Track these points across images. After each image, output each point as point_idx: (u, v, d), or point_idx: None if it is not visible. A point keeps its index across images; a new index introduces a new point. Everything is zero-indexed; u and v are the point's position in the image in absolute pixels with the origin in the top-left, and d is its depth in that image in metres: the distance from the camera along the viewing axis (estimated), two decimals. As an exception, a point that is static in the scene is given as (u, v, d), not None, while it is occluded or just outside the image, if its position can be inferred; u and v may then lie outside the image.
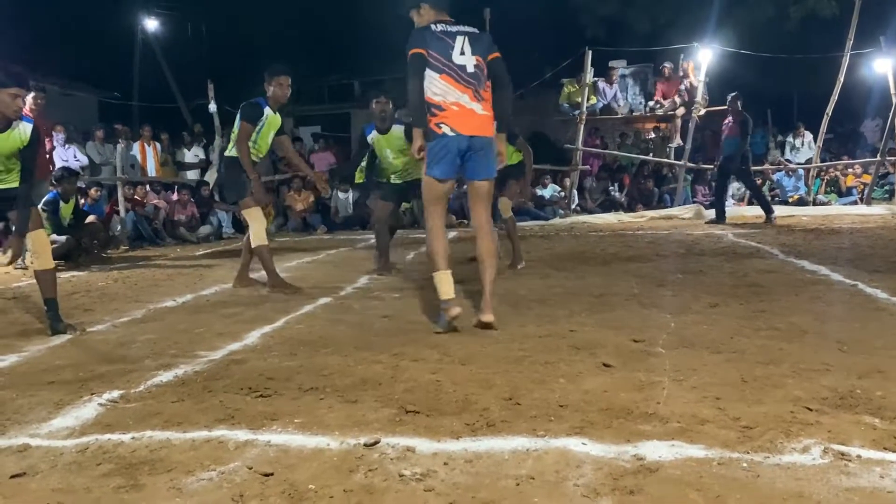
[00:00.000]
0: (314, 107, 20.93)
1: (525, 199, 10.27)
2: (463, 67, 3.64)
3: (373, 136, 5.77)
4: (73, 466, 2.11)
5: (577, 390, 2.66)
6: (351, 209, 12.46)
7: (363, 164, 6.26)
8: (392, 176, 5.94)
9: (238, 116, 5.27)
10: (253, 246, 5.32)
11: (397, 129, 5.63)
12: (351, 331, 3.90)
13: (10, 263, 4.12)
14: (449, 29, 3.67)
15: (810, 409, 2.35)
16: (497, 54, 3.78)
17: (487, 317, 3.73)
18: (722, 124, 10.54)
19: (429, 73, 3.62)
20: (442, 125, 3.64)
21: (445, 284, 3.70)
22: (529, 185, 7.14)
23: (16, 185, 4.06)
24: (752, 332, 3.54)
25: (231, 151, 5.35)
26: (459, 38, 3.65)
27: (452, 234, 10.05)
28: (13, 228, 4.14)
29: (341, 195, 12.47)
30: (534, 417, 2.38)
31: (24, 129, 3.94)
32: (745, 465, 1.96)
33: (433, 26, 3.66)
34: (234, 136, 5.36)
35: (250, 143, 5.21)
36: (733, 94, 10.37)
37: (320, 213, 12.38)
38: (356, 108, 22.29)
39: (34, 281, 4.28)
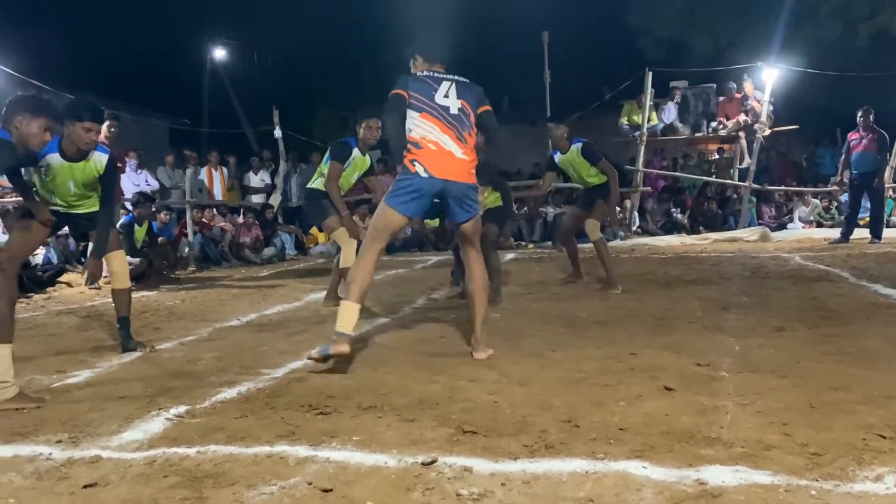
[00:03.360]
0: (375, 132, 21.27)
1: (611, 224, 9.93)
2: (446, 108, 3.56)
3: None
4: (141, 478, 2.19)
5: (638, 413, 2.62)
6: (409, 231, 12.55)
7: None
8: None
9: (328, 154, 5.45)
10: (341, 266, 5.41)
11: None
12: (409, 350, 3.93)
13: (87, 285, 4.31)
14: (436, 75, 3.63)
15: (883, 437, 2.26)
16: (488, 107, 3.72)
17: (480, 354, 3.63)
18: (849, 139, 10.18)
19: (410, 113, 3.54)
20: (416, 163, 3.50)
21: (349, 316, 3.41)
22: (615, 208, 6.87)
23: (95, 209, 4.25)
24: (821, 356, 3.42)
25: (313, 184, 5.58)
26: (445, 83, 3.60)
27: (510, 255, 10.04)
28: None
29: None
30: (593, 440, 2.35)
31: (99, 159, 4.10)
32: (813, 492, 1.89)
33: (419, 73, 3.64)
34: (320, 170, 5.57)
35: None
36: (864, 107, 9.97)
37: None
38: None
39: (107, 299, 4.45)
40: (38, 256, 8.09)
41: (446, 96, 3.57)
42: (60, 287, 7.71)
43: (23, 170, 4.11)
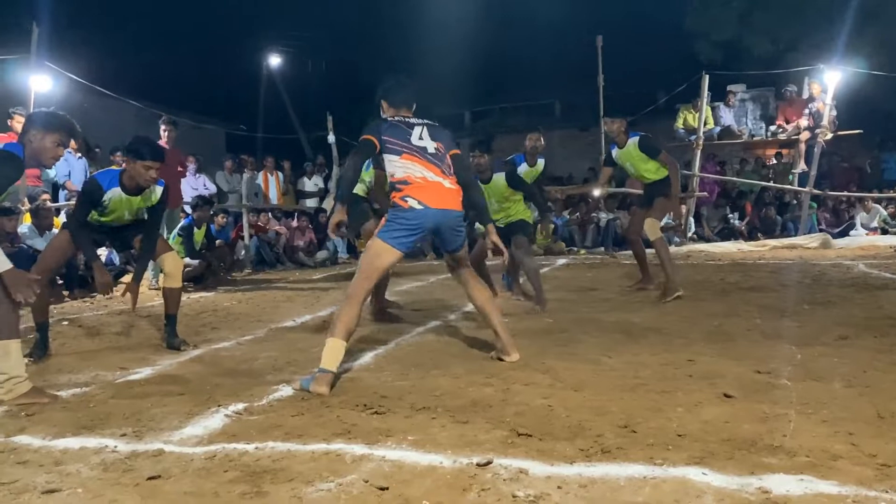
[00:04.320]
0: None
1: (676, 218, 9.62)
2: (423, 149, 3.59)
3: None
4: (202, 472, 2.24)
5: (696, 420, 2.57)
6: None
7: None
8: (498, 219, 5.69)
9: (369, 162, 5.46)
10: None
11: (498, 178, 5.50)
12: (460, 354, 3.93)
13: (133, 309, 4.54)
14: (407, 119, 3.68)
15: (958, 450, 2.17)
16: (457, 151, 3.72)
17: (514, 355, 3.66)
18: None
19: (389, 157, 3.57)
20: (408, 198, 3.49)
21: (335, 354, 3.27)
22: (678, 201, 6.51)
23: (139, 219, 4.41)
24: (888, 365, 3.30)
25: (354, 189, 5.59)
26: (418, 127, 3.64)
27: (562, 261, 9.96)
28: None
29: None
30: (651, 445, 2.32)
31: (155, 191, 4.28)
32: (883, 504, 1.83)
33: (389, 118, 3.69)
34: (360, 177, 5.59)
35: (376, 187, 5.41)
36: None
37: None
38: (464, 137, 22.70)
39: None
40: (101, 258, 8.35)
41: (420, 138, 3.61)
42: (122, 287, 7.94)
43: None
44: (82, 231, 4.17)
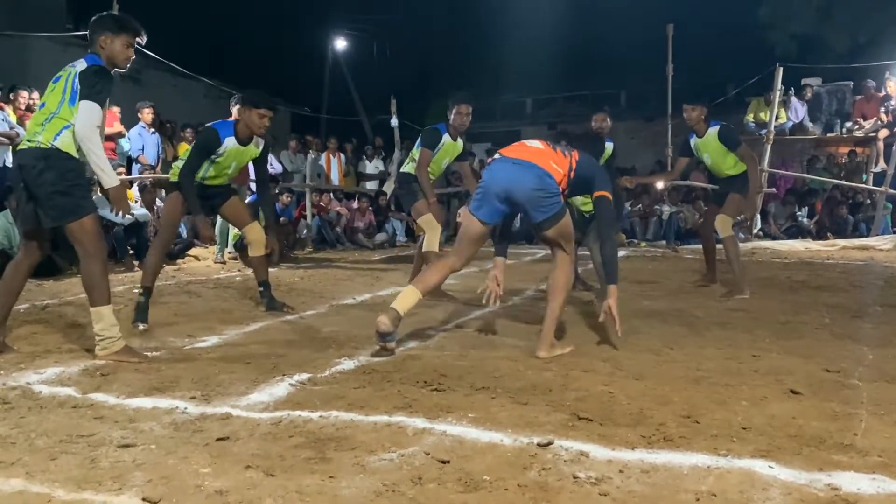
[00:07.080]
0: (487, 124, 21.31)
1: (750, 215, 9.17)
2: None
3: None
4: (268, 436, 2.30)
5: (762, 414, 2.52)
6: (518, 224, 12.52)
7: None
8: (587, 209, 5.58)
9: (419, 140, 5.53)
10: (423, 251, 5.50)
11: None
12: (519, 338, 3.92)
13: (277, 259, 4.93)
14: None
15: None
16: None
17: (540, 353, 3.44)
18: None
19: None
20: None
21: None
22: (756, 198, 6.16)
23: (226, 183, 4.70)
24: (969, 371, 3.17)
25: (406, 168, 5.69)
26: None
27: (622, 252, 9.84)
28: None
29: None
30: (714, 437, 2.28)
31: (258, 143, 4.60)
32: (962, 508, 1.76)
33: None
34: (412, 155, 5.67)
35: None
36: None
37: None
38: (527, 125, 22.51)
39: (230, 273, 4.71)
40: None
41: None
42: (189, 260, 8.19)
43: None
44: (191, 182, 4.39)
